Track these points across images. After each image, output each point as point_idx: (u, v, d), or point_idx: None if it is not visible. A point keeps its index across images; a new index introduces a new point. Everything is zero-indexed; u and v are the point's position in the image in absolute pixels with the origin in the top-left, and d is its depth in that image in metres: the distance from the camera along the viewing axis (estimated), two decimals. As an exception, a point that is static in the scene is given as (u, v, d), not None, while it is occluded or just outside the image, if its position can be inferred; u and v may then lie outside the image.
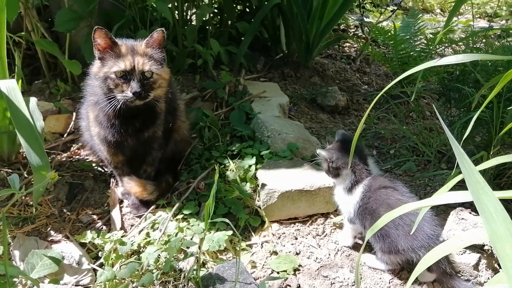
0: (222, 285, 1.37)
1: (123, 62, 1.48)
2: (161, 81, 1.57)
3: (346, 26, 4.25)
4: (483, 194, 0.84)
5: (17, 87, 1.51)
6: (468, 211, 1.64)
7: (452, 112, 2.29)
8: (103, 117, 1.61)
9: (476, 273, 1.46)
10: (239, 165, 1.91)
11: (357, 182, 1.55)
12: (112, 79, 1.49)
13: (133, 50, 1.52)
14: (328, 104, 2.71)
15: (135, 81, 1.48)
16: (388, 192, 1.49)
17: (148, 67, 1.51)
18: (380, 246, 1.49)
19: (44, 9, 2.70)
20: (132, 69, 1.49)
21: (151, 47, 1.55)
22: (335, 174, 1.58)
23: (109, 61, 1.50)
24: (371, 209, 1.49)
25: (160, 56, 1.56)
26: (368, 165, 1.58)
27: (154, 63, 1.53)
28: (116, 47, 1.51)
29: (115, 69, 1.48)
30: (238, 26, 2.88)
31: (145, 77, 1.51)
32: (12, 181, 0.97)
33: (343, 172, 1.55)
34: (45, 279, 1.47)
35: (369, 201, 1.50)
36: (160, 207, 1.81)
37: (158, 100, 1.62)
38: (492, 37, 3.70)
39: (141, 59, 1.50)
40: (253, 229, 1.73)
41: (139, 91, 1.48)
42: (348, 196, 1.56)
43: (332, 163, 1.56)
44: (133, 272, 1.43)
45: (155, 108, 1.66)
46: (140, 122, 1.64)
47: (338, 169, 1.56)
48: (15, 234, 1.67)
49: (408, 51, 2.95)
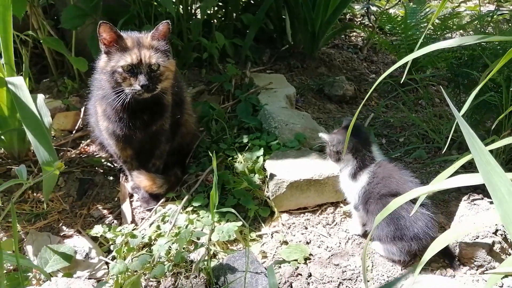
0: (233, 275, 1.38)
1: (129, 55, 1.48)
2: (168, 73, 1.57)
3: (352, 15, 4.21)
4: (494, 175, 0.82)
5: (24, 84, 1.53)
6: (480, 196, 1.62)
7: (462, 98, 2.25)
8: (111, 111, 1.62)
9: (490, 259, 1.44)
10: (247, 157, 1.91)
11: (361, 168, 1.55)
12: (120, 73, 1.50)
13: (139, 43, 1.52)
14: (335, 94, 2.69)
15: (142, 74, 1.49)
16: (394, 180, 1.48)
17: (155, 59, 1.51)
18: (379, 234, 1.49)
19: (50, 8, 2.72)
20: (139, 62, 1.49)
21: (156, 40, 1.55)
22: (337, 159, 1.58)
23: (115, 55, 1.50)
24: (376, 195, 1.48)
25: (166, 48, 1.56)
26: (372, 151, 1.57)
27: (161, 55, 1.53)
28: (121, 41, 1.51)
29: (122, 63, 1.49)
30: (243, 18, 2.87)
31: (152, 69, 1.52)
32: (20, 172, 0.98)
33: (345, 156, 1.55)
34: (59, 273, 1.49)
35: (375, 187, 1.49)
36: (170, 200, 1.82)
37: (165, 92, 1.62)
38: (501, 21, 3.63)
39: (147, 52, 1.50)
40: (263, 220, 1.73)
41: (147, 84, 1.48)
42: (353, 182, 1.56)
43: (333, 147, 1.56)
44: (144, 264, 1.44)
45: (163, 101, 1.66)
46: (148, 115, 1.64)
47: (339, 153, 1.56)
48: (28, 230, 1.69)
49: (415, 38, 2.91)
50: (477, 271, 1.46)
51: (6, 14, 1.69)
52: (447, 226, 1.65)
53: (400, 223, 1.44)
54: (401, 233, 1.44)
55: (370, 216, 1.52)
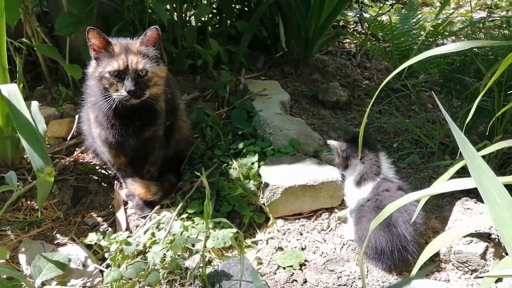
0: (229, 282, 1.37)
1: (116, 61, 1.49)
2: (156, 79, 1.56)
3: (345, 22, 4.25)
4: (486, 179, 0.83)
5: (18, 90, 1.52)
6: (473, 201, 1.63)
7: (454, 103, 2.28)
8: (103, 118, 1.62)
9: (484, 263, 1.45)
10: (242, 163, 1.91)
11: (367, 177, 1.56)
12: (107, 78, 1.50)
13: (127, 49, 1.52)
14: (329, 100, 2.71)
15: (129, 80, 1.49)
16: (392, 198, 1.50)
17: (142, 65, 1.51)
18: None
19: (44, 15, 2.72)
20: (125, 68, 1.49)
21: (145, 45, 1.55)
22: (345, 165, 1.59)
23: (103, 60, 1.51)
24: (371, 206, 1.51)
25: (155, 54, 1.56)
26: (379, 158, 1.59)
27: (149, 61, 1.53)
28: (110, 47, 1.52)
29: (109, 68, 1.49)
30: (237, 25, 2.88)
31: (139, 75, 1.51)
32: (10, 179, 0.97)
33: (353, 162, 1.57)
34: (52, 281, 1.48)
35: (373, 198, 1.51)
36: (165, 207, 1.81)
37: (156, 99, 1.62)
38: (492, 28, 3.68)
39: (134, 57, 1.50)
40: (258, 226, 1.73)
41: (133, 90, 1.48)
42: (356, 189, 1.58)
43: (343, 152, 1.58)
44: (139, 272, 1.43)
45: (155, 107, 1.66)
46: (140, 122, 1.64)
47: (348, 158, 1.58)
48: (22, 239, 1.67)
49: (407, 44, 2.94)
50: (471, 276, 1.47)
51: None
52: (441, 231, 1.66)
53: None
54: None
55: (357, 225, 1.56)
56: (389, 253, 1.46)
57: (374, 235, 1.49)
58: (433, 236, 1.64)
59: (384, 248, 1.46)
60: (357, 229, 1.56)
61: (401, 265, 1.49)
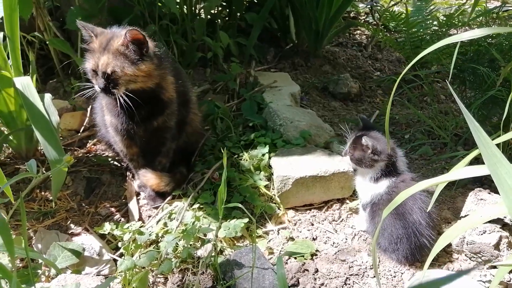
0: (240, 271, 1.38)
1: (92, 59, 1.56)
2: (129, 78, 1.54)
3: (356, 13, 4.20)
4: (500, 167, 0.82)
5: (31, 83, 1.54)
6: (487, 191, 1.62)
7: (467, 94, 2.25)
8: (110, 104, 1.69)
9: (497, 253, 1.43)
10: (253, 154, 1.91)
11: (385, 175, 1.55)
12: (88, 72, 1.59)
13: (106, 46, 1.53)
14: (340, 92, 2.69)
15: (99, 78, 1.55)
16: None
17: (111, 68, 1.51)
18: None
19: (56, 9, 2.74)
20: (96, 68, 1.55)
21: (125, 46, 1.53)
22: (370, 165, 1.55)
23: (87, 55, 1.59)
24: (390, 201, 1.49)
25: (134, 55, 1.53)
26: (398, 157, 1.58)
27: (125, 61, 1.52)
28: (93, 42, 1.57)
29: (86, 65, 1.59)
30: (247, 17, 2.87)
31: (108, 75, 1.53)
32: (30, 166, 0.99)
33: (378, 164, 1.54)
34: (67, 270, 1.50)
35: (389, 197, 1.50)
36: (176, 198, 1.83)
37: (156, 89, 1.63)
38: (505, 17, 3.61)
39: (106, 58, 1.52)
40: (269, 217, 1.74)
41: (102, 87, 1.55)
42: (373, 184, 1.56)
43: (374, 155, 1.53)
44: (152, 261, 1.45)
45: (161, 96, 1.67)
46: (146, 111, 1.66)
47: (375, 160, 1.54)
48: (36, 229, 1.71)
49: (420, 34, 2.90)
50: (484, 266, 1.46)
51: (13, 16, 1.71)
52: (453, 222, 1.65)
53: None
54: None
55: (373, 219, 1.55)
56: (405, 240, 1.45)
57: (390, 225, 1.48)
58: (445, 227, 1.63)
59: (400, 235, 1.45)
60: (373, 222, 1.55)
61: (418, 252, 1.48)
